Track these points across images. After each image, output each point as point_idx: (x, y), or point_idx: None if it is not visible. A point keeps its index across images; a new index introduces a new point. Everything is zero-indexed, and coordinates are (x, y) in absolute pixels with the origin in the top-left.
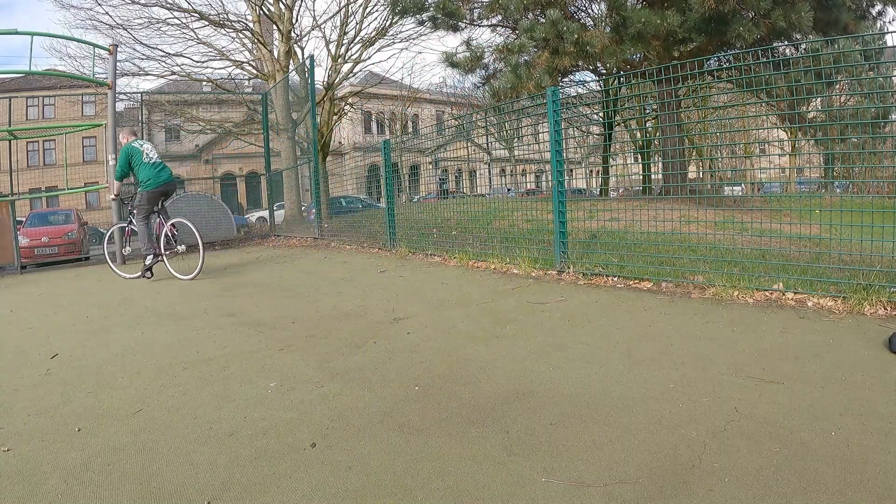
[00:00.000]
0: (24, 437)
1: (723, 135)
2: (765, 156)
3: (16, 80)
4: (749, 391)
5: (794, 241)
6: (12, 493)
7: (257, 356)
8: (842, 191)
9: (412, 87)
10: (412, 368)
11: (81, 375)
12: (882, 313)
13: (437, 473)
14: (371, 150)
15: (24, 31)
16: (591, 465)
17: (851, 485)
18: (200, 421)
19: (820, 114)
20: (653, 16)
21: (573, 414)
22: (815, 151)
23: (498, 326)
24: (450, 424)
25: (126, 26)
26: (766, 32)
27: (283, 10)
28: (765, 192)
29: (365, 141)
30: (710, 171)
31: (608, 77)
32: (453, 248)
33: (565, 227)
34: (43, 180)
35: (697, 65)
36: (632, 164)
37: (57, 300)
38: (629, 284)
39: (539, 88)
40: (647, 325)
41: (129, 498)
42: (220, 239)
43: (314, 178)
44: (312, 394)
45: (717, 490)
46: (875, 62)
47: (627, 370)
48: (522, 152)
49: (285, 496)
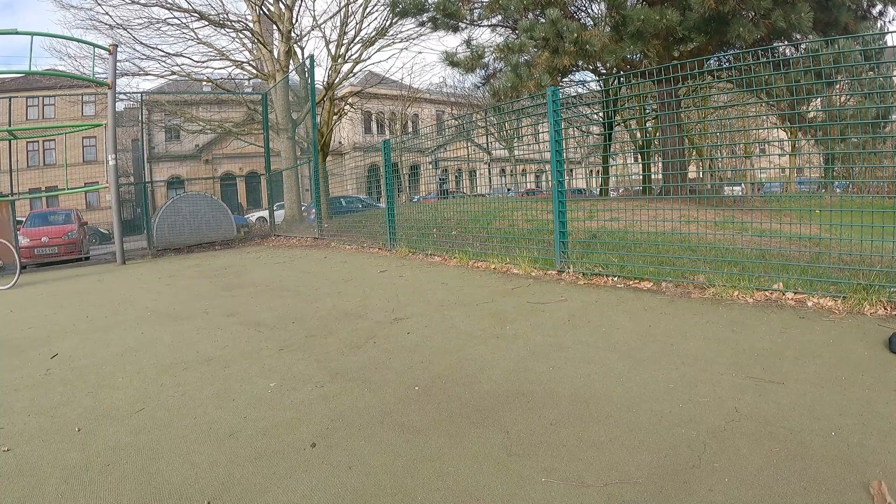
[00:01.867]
0: (24, 437)
1: (723, 135)
2: (765, 156)
3: (16, 80)
4: (749, 391)
5: (794, 241)
6: (12, 493)
7: (257, 356)
8: (842, 191)
9: (412, 87)
10: (412, 368)
11: (81, 375)
12: (882, 313)
13: (437, 473)
14: (371, 150)
15: (24, 31)
16: (591, 465)
17: (851, 485)
18: (200, 421)
19: (820, 114)
20: (652, 14)
21: (573, 414)
22: (815, 151)
23: (498, 326)
24: (450, 424)
25: (126, 26)
26: (766, 32)
27: (283, 10)
28: (765, 192)
29: (365, 141)
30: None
31: (608, 77)
32: (453, 248)
33: (565, 227)
34: (43, 180)
35: (697, 65)
36: (632, 164)
37: (57, 300)
38: (629, 284)
39: (539, 88)
40: (647, 325)
41: (129, 498)
42: (220, 239)
43: (314, 178)
44: (312, 394)
45: (717, 490)
46: (875, 62)
47: (628, 370)
48: (522, 152)
49: (285, 496)
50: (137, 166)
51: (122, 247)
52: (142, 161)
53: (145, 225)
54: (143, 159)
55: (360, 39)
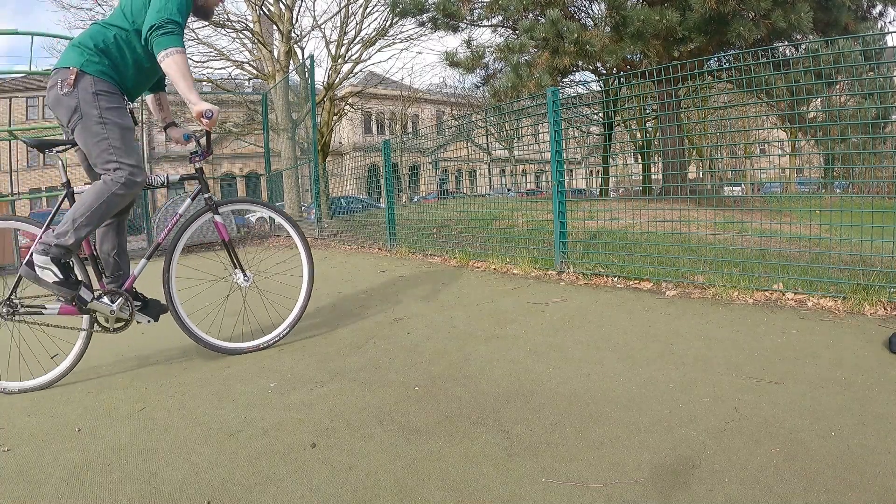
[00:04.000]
0: (24, 437)
1: (723, 135)
2: (765, 156)
3: (16, 81)
4: (749, 391)
5: (794, 241)
6: (12, 493)
7: (257, 356)
8: (842, 191)
9: (412, 88)
10: (412, 368)
11: (81, 375)
12: (882, 313)
13: (437, 474)
14: (371, 150)
15: (24, 32)
16: (591, 465)
17: (851, 485)
18: (200, 421)
19: (820, 114)
20: (652, 14)
21: (573, 414)
22: (815, 152)
23: (498, 327)
24: (450, 424)
25: None
26: (766, 33)
27: (283, 11)
28: (765, 192)
29: (365, 141)
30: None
31: (608, 77)
32: (453, 248)
33: (565, 228)
34: (43, 180)
35: (697, 65)
36: (632, 164)
37: None
38: (629, 285)
39: (539, 88)
40: (647, 326)
41: (129, 498)
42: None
43: (314, 178)
44: (312, 394)
45: (717, 490)
46: (875, 62)
47: (627, 370)
48: (522, 152)
49: (285, 496)
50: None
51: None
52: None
53: (145, 225)
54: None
55: (361, 40)
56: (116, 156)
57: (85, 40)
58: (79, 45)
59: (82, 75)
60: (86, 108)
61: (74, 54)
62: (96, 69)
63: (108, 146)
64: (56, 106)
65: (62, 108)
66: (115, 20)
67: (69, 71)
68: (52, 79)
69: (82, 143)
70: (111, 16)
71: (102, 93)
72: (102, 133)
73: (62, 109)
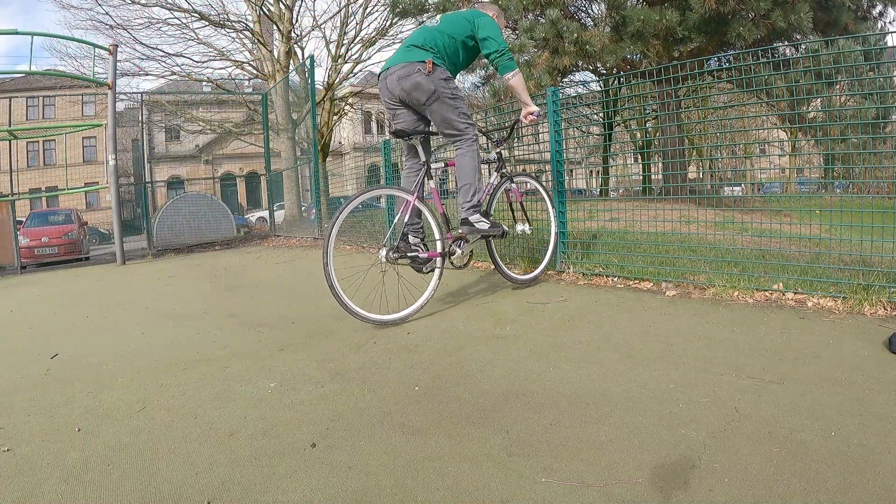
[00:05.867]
0: (24, 437)
1: (723, 135)
2: (765, 156)
3: (16, 80)
4: (749, 391)
5: (794, 241)
6: (12, 493)
7: (257, 356)
8: (842, 191)
9: None
10: (412, 368)
11: (81, 375)
12: (882, 313)
13: (437, 473)
14: (371, 150)
15: (24, 32)
16: (591, 465)
17: (851, 485)
18: (200, 421)
19: (820, 114)
20: (652, 14)
21: (573, 414)
22: (815, 152)
23: (498, 326)
24: (450, 424)
25: (126, 26)
26: (766, 33)
27: (283, 11)
28: (765, 192)
29: (365, 141)
30: (710, 172)
31: (608, 77)
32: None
33: (565, 228)
34: (43, 180)
35: (697, 65)
36: (632, 164)
37: (57, 300)
38: (629, 285)
39: (539, 88)
40: (647, 326)
41: (129, 498)
42: (220, 239)
43: (314, 178)
44: (312, 394)
45: (717, 490)
46: (875, 63)
47: (628, 370)
48: (522, 152)
49: (285, 496)
50: (137, 166)
51: (122, 247)
52: (142, 161)
53: (145, 225)
54: (143, 159)
55: (361, 40)
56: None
57: (427, 44)
58: (422, 46)
59: (435, 67)
60: (441, 90)
61: (423, 54)
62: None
63: (461, 113)
64: (414, 89)
65: (420, 90)
66: (445, 28)
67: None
68: (406, 69)
69: (439, 115)
70: (440, 25)
71: (448, 78)
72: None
73: (420, 91)
